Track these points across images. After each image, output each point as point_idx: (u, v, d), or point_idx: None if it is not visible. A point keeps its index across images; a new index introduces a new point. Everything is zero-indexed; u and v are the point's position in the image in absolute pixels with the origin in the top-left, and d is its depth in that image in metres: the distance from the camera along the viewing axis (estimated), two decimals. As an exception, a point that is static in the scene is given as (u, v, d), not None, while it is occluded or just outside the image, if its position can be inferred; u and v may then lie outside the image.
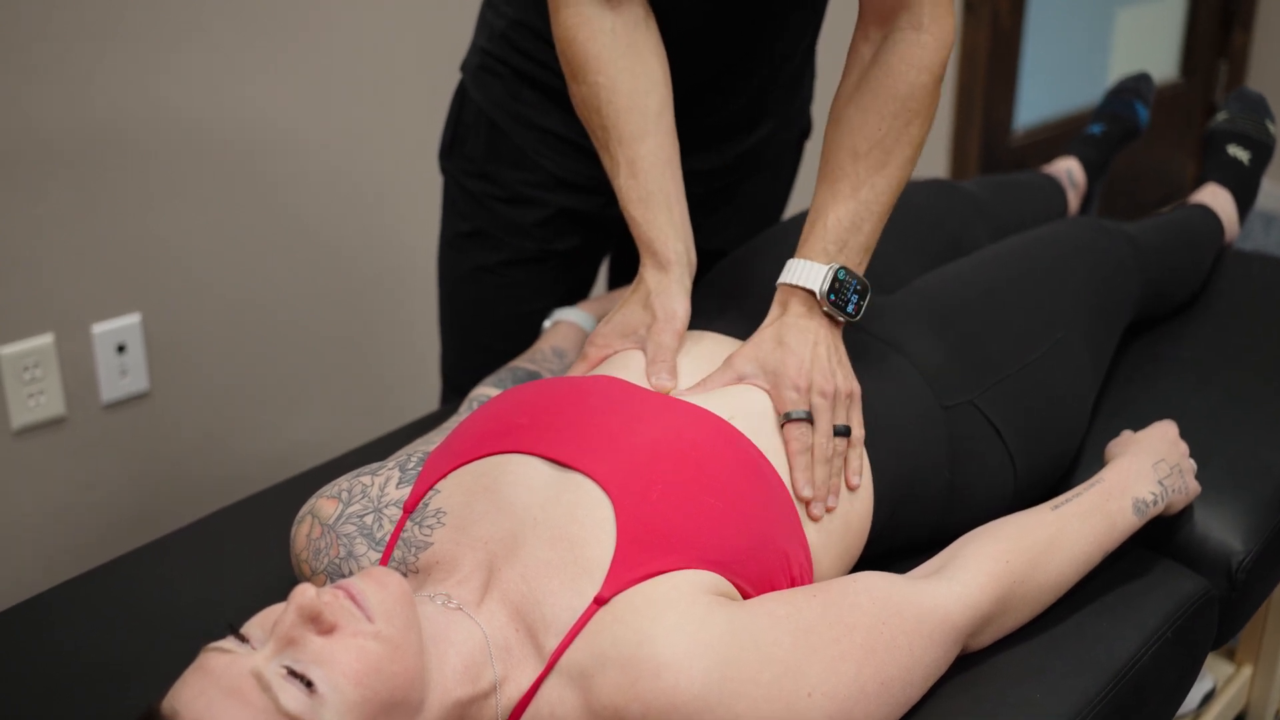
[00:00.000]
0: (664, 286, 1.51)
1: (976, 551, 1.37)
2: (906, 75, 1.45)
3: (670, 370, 1.44)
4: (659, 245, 1.52)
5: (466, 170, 1.85)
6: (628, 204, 1.54)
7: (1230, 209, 2.25)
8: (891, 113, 1.45)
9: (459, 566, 1.26)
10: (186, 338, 2.38)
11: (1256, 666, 2.24)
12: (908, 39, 1.45)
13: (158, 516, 2.42)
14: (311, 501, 1.37)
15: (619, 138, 1.53)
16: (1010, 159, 3.83)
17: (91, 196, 2.21)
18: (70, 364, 2.26)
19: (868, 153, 1.46)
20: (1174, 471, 1.53)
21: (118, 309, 2.29)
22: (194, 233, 2.33)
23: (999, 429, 1.55)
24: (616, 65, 1.53)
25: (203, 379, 2.42)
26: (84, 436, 2.31)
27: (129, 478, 2.38)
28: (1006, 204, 2.14)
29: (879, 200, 1.47)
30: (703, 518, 1.25)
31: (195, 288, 2.36)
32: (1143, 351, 1.94)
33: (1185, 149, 4.36)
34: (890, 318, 1.60)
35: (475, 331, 1.93)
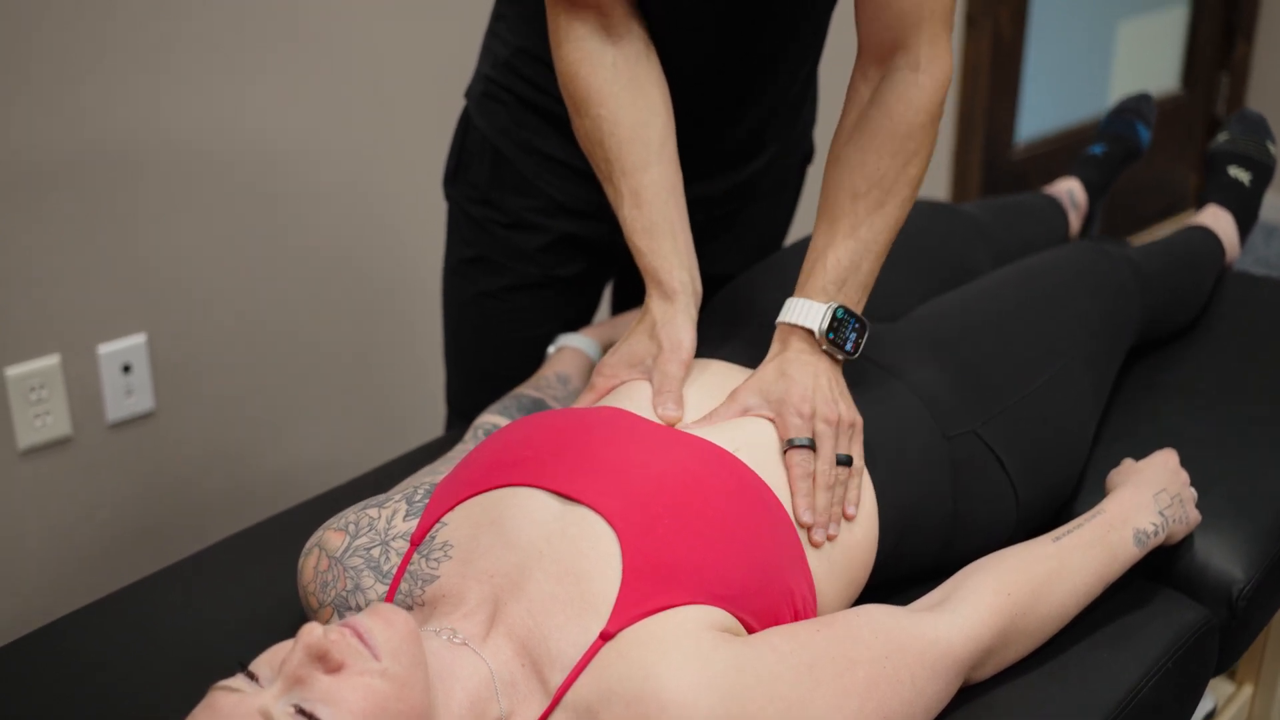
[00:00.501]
0: (670, 316, 1.52)
1: (978, 584, 1.38)
2: (904, 116, 1.47)
3: (676, 401, 1.46)
4: (664, 275, 1.54)
5: (470, 196, 1.86)
6: (632, 234, 1.55)
7: (1231, 231, 2.26)
8: (889, 152, 1.47)
9: (465, 600, 1.27)
10: (192, 357, 2.39)
11: (1257, 686, 2.24)
12: (905, 79, 1.47)
13: (164, 536, 2.43)
14: (319, 534, 1.38)
15: (622, 169, 1.55)
16: (1012, 171, 3.84)
17: (96, 217, 2.22)
18: (76, 384, 2.27)
19: (866, 192, 1.48)
20: (1175, 501, 1.54)
21: (123, 329, 2.30)
22: (199, 253, 2.34)
23: (1002, 458, 1.56)
24: (618, 99, 1.55)
25: (208, 398, 2.43)
26: (90, 456, 2.32)
27: (135, 497, 2.39)
28: (1008, 226, 2.15)
29: (877, 240, 1.49)
30: (708, 552, 1.26)
31: (200, 307, 2.37)
32: (1143, 376, 1.94)
33: (1186, 161, 4.37)
34: (892, 346, 1.61)
35: (479, 357, 1.94)
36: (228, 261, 2.38)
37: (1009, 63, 3.72)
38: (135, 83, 2.20)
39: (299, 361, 2.52)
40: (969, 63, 3.61)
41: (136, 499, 2.39)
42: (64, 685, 1.42)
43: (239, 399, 2.46)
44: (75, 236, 2.20)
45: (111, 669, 1.44)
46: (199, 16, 2.24)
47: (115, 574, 2.39)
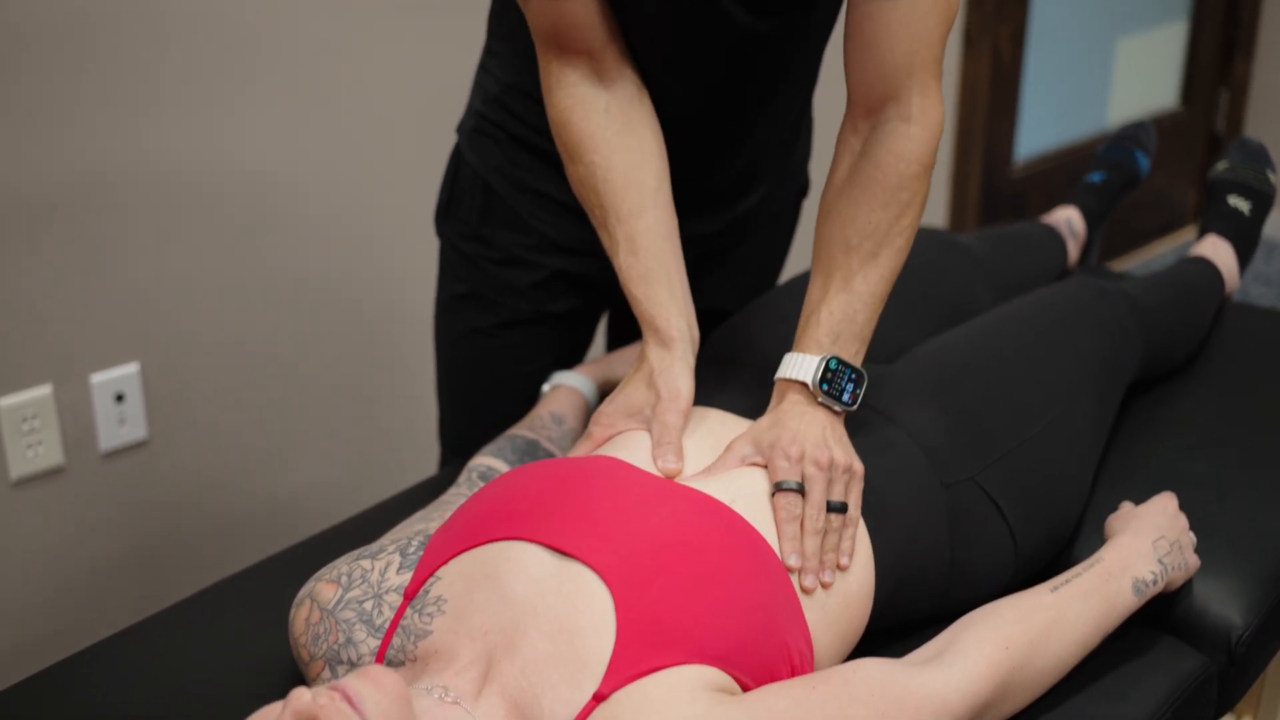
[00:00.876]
0: (667, 364, 1.51)
1: (976, 637, 1.37)
2: (895, 168, 1.46)
3: (676, 452, 1.44)
4: (661, 322, 1.52)
5: (461, 233, 1.85)
6: (628, 282, 1.54)
7: (1231, 261, 2.25)
8: (882, 204, 1.46)
9: (457, 657, 1.26)
10: (185, 386, 2.38)
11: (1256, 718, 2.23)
12: (896, 131, 1.46)
13: (157, 565, 2.42)
14: (310, 585, 1.37)
15: (617, 215, 1.53)
16: (1011, 190, 3.83)
17: (88, 246, 2.21)
18: (68, 414, 2.26)
19: (859, 245, 1.47)
20: (1174, 548, 1.53)
21: (116, 358, 2.29)
22: (192, 281, 2.33)
23: (1001, 506, 1.55)
24: (611, 144, 1.54)
25: (202, 427, 2.42)
26: (83, 486, 2.31)
27: (128, 527, 2.38)
28: (1006, 258, 2.14)
29: (872, 292, 1.48)
30: (703, 611, 1.25)
31: (193, 336, 2.36)
32: (1142, 413, 1.93)
33: (1186, 178, 4.35)
34: (890, 391, 1.60)
35: (472, 394, 1.93)
36: (220, 290, 2.37)
37: (1008, 81, 3.71)
38: (126, 113, 2.19)
39: (292, 390, 2.51)
40: (967, 81, 3.60)
41: (130, 528, 2.38)
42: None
43: (232, 427, 2.45)
44: (67, 266, 2.19)
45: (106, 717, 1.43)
46: (190, 47, 2.23)
47: (109, 604, 2.38)
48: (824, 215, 1.52)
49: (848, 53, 1.48)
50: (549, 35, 1.53)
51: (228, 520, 2.49)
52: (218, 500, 2.47)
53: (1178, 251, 4.31)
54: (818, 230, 1.52)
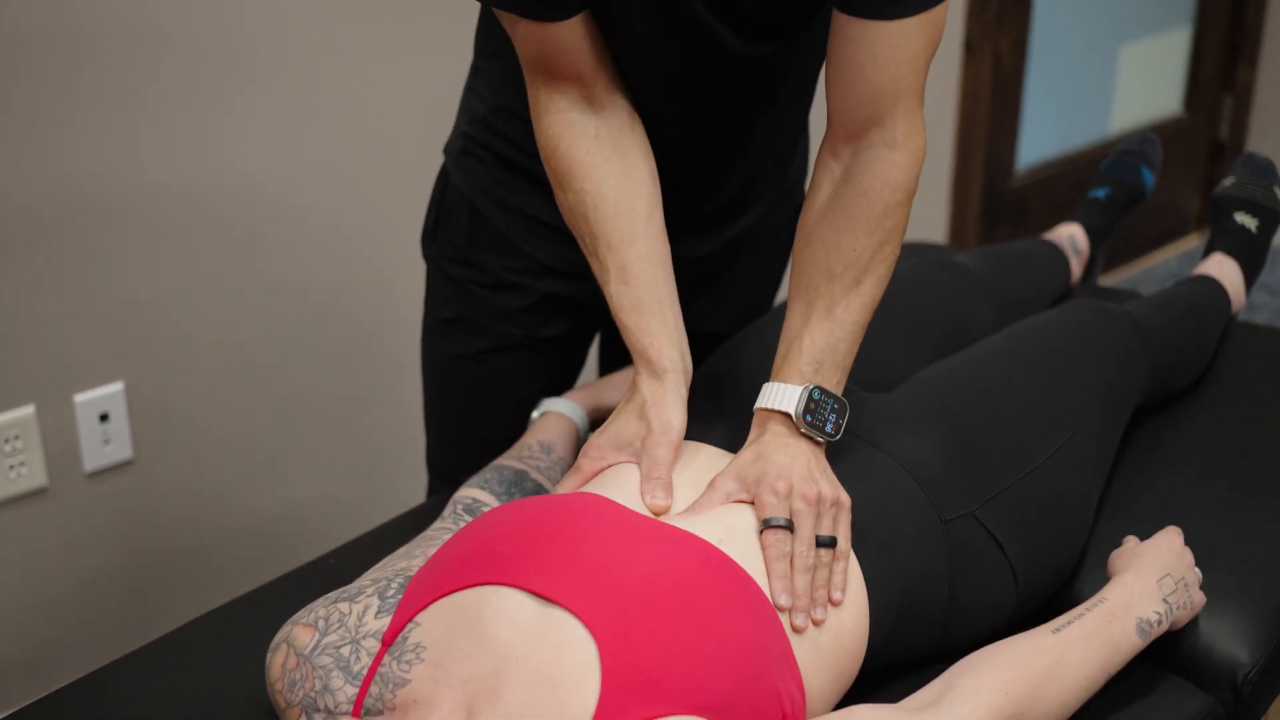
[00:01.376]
0: (659, 397, 1.47)
1: (974, 683, 1.32)
2: (880, 195, 1.42)
3: (665, 488, 1.40)
4: (653, 354, 1.48)
5: (449, 256, 1.81)
6: (619, 311, 1.50)
7: (1237, 279, 2.20)
8: (865, 233, 1.43)
9: (437, 707, 1.21)
10: (170, 404, 2.34)
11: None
12: (881, 157, 1.42)
13: (144, 586, 2.38)
14: (287, 628, 1.32)
15: (608, 244, 1.49)
16: (1013, 198, 3.79)
17: (70, 264, 2.17)
18: (52, 434, 2.22)
19: (843, 273, 1.44)
20: (1179, 586, 1.48)
21: (99, 377, 2.25)
22: (176, 299, 2.29)
23: (1001, 542, 1.51)
24: (602, 171, 1.50)
25: (188, 445, 2.38)
26: (67, 507, 2.27)
27: (114, 547, 2.34)
28: (1007, 277, 2.10)
29: (854, 320, 1.44)
30: (692, 660, 1.21)
31: (178, 354, 2.32)
32: (1147, 439, 1.89)
33: (1189, 184, 4.31)
34: (887, 423, 1.56)
35: (461, 419, 1.89)
36: (206, 307, 2.33)
37: (1009, 88, 3.67)
38: (110, 127, 2.15)
39: (280, 407, 2.47)
40: (968, 89, 3.55)
41: (116, 549, 2.34)
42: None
43: (219, 446, 2.41)
44: (49, 284, 2.15)
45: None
46: (176, 60, 2.19)
47: (94, 626, 2.34)
48: (804, 240, 1.48)
49: (830, 75, 1.44)
50: (537, 61, 1.48)
51: (215, 540, 2.45)
52: (204, 520, 2.44)
53: (1181, 259, 4.26)
54: (796, 255, 1.49)
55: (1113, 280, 4.09)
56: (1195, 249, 4.31)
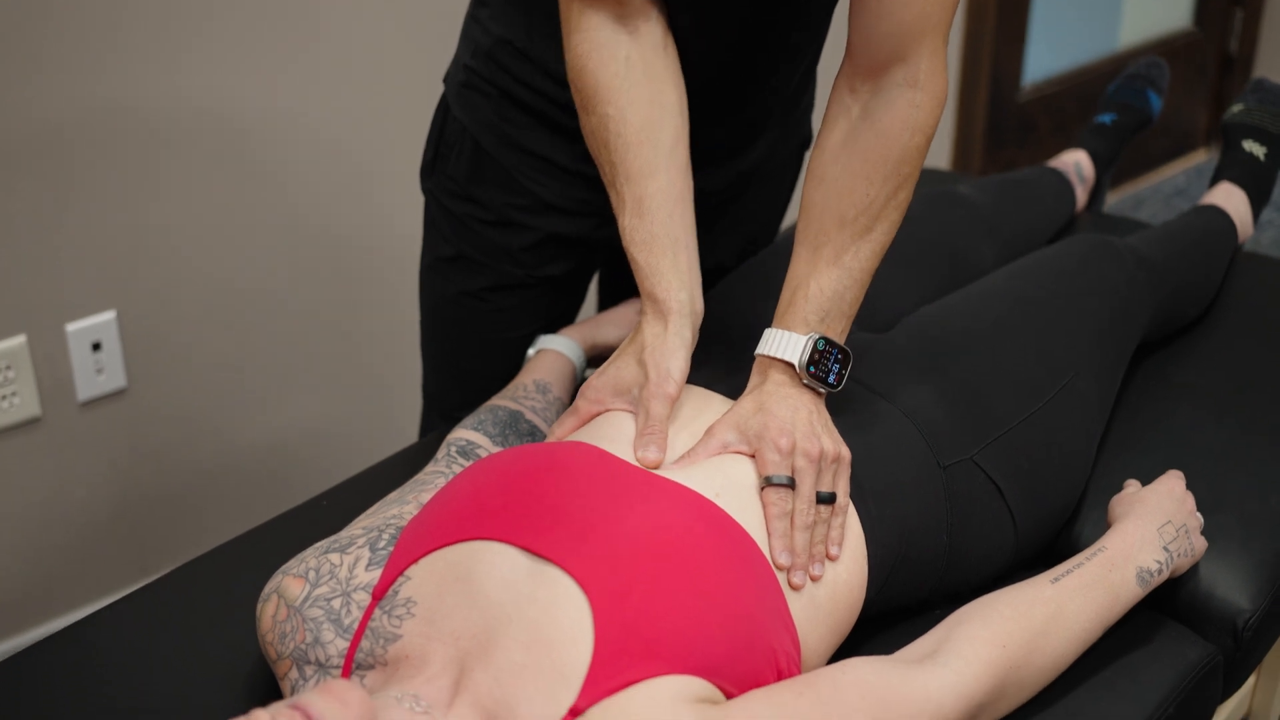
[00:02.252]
0: (661, 341, 1.42)
1: (971, 634, 1.31)
2: (899, 137, 1.37)
3: (660, 444, 1.37)
4: (661, 293, 1.43)
5: (449, 190, 1.77)
6: (631, 245, 1.45)
7: (1244, 209, 2.17)
8: (881, 177, 1.38)
9: (429, 663, 1.20)
10: (163, 333, 2.31)
11: (1259, 674, 2.19)
12: (903, 98, 1.37)
13: (138, 515, 2.37)
14: (277, 579, 1.31)
15: (626, 174, 1.44)
16: (1018, 115, 3.74)
17: (61, 193, 2.14)
18: (44, 364, 2.20)
19: (854, 219, 1.39)
20: (1180, 533, 1.46)
21: (92, 307, 2.22)
22: (168, 227, 2.26)
23: (1001, 487, 1.49)
24: (628, 95, 1.43)
25: (181, 374, 2.36)
26: (61, 436, 2.26)
27: (109, 476, 2.33)
28: (1011, 207, 2.06)
29: (863, 267, 1.40)
30: (685, 619, 1.19)
31: (171, 282, 2.29)
32: (1150, 376, 1.86)
33: (1199, 99, 4.25)
34: (885, 366, 1.53)
35: (459, 357, 1.86)
36: (197, 235, 2.30)
37: (1015, 2, 3.60)
38: (101, 55, 2.11)
39: (275, 333, 2.45)
40: (974, 3, 3.49)
41: (109, 478, 2.33)
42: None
43: (213, 374, 2.39)
44: (39, 213, 2.12)
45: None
46: (166, -16, 2.14)
47: (88, 555, 2.34)
48: (815, 181, 1.43)
49: (855, 6, 1.38)
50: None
51: (210, 468, 2.44)
52: (199, 448, 2.42)
53: (1189, 175, 4.22)
54: (806, 196, 1.44)
55: (1120, 197, 4.05)
56: (1204, 165, 4.27)
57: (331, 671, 1.25)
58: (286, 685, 1.27)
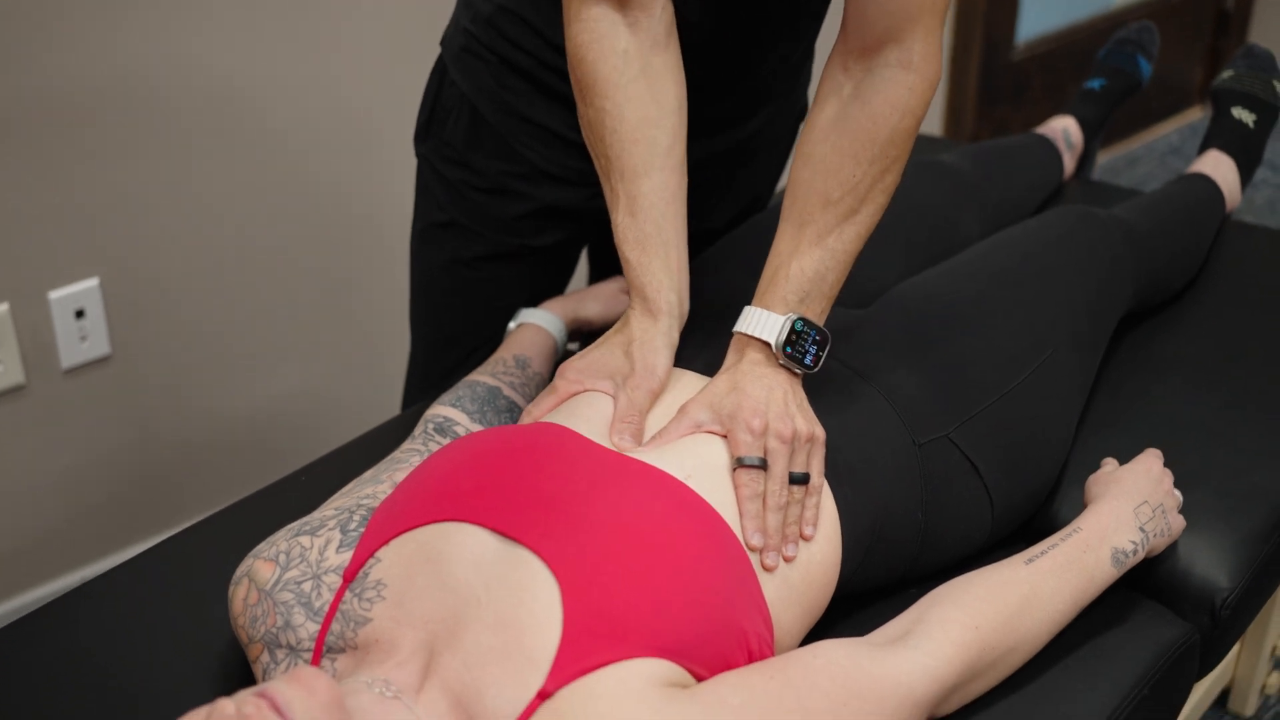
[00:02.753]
0: (649, 337, 1.43)
1: (944, 616, 1.30)
2: (889, 120, 1.36)
3: (635, 433, 1.36)
4: (651, 292, 1.43)
5: (444, 156, 1.76)
6: (623, 243, 1.45)
7: (1233, 178, 2.16)
8: (869, 158, 1.36)
9: (398, 647, 1.20)
10: (147, 300, 2.30)
11: (1242, 645, 2.19)
12: (896, 79, 1.35)
13: (124, 482, 2.37)
14: (248, 562, 1.31)
15: (620, 171, 1.44)
16: (1012, 74, 3.72)
17: (42, 160, 2.12)
18: (27, 332, 2.19)
19: (840, 200, 1.37)
20: (1157, 514, 1.46)
21: (74, 274, 2.21)
22: (152, 192, 2.25)
23: (977, 465, 1.48)
24: (625, 91, 1.42)
25: (165, 340, 2.35)
26: (45, 404, 2.25)
27: (94, 443, 2.33)
28: (996, 177, 2.05)
29: (846, 249, 1.39)
30: (655, 602, 1.19)
31: (154, 249, 2.28)
32: (1134, 349, 1.85)
33: (1193, 56, 4.23)
34: (863, 343, 1.52)
35: (448, 325, 1.85)
36: (181, 201, 2.28)
37: (1011, -40, 3.58)
38: (83, 21, 2.09)
39: (258, 300, 2.44)
40: (969, -38, 3.47)
41: (95, 445, 2.33)
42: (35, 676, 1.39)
43: (198, 341, 2.39)
44: (19, 181, 2.11)
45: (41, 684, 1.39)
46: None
47: (74, 523, 2.34)
48: (803, 160, 1.42)
49: None
50: None
51: (195, 435, 2.44)
52: (184, 415, 2.42)
53: (1182, 133, 4.20)
54: (794, 175, 1.42)
55: (1113, 155, 4.03)
56: (1198, 123, 4.25)
57: (303, 655, 1.25)
58: (258, 668, 1.27)
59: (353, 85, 2.41)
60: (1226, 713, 2.26)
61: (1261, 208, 3.76)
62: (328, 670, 1.23)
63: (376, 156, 2.46)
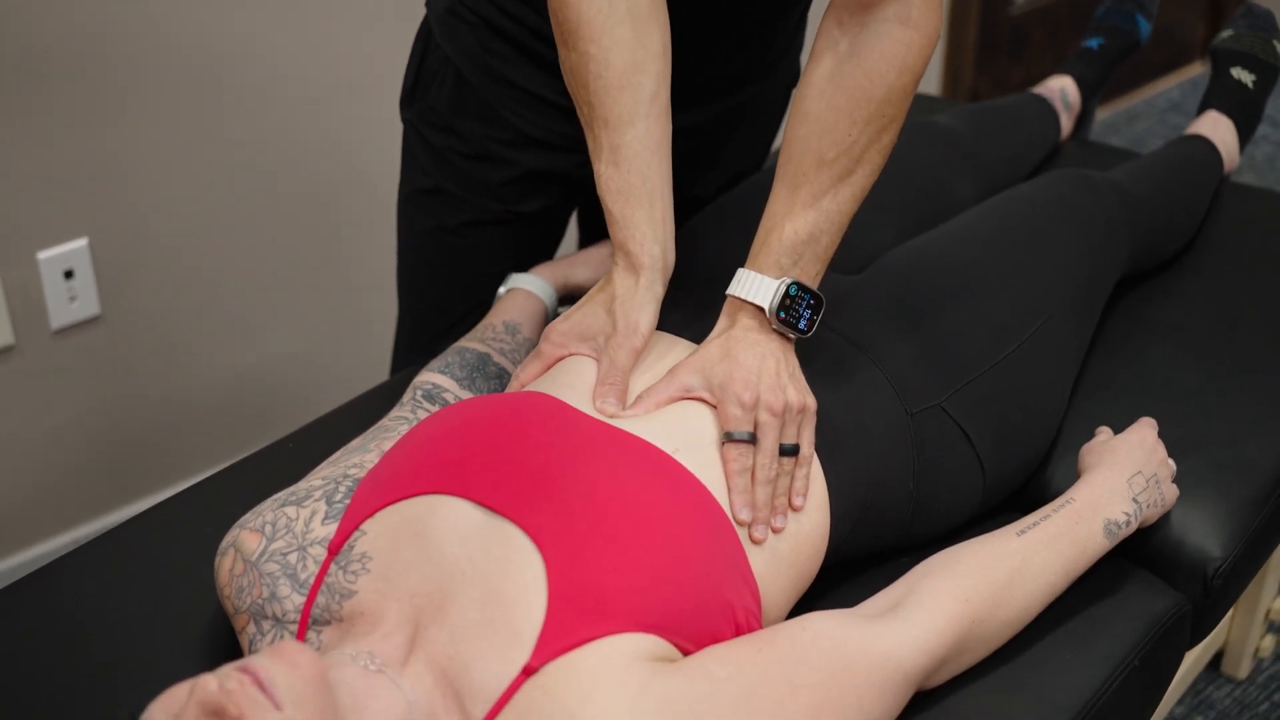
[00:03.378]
0: (632, 294, 1.40)
1: (934, 588, 1.30)
2: (885, 77, 1.33)
3: (619, 395, 1.35)
4: (633, 246, 1.40)
5: (429, 121, 1.74)
6: (606, 194, 1.41)
7: (1231, 139, 2.14)
8: (865, 118, 1.33)
9: (383, 620, 1.19)
10: (136, 260, 2.29)
11: (1237, 608, 2.19)
12: (893, 35, 1.32)
13: (114, 441, 2.37)
14: (234, 533, 1.30)
15: (604, 119, 1.40)
16: (1011, 28, 3.69)
17: (31, 119, 2.10)
18: (16, 292, 2.18)
19: (835, 160, 1.34)
20: (1150, 484, 1.45)
21: (63, 234, 2.20)
22: (141, 152, 2.23)
23: (969, 434, 1.47)
24: (612, 35, 1.38)
25: (155, 300, 2.34)
26: (35, 364, 2.24)
27: (84, 403, 2.32)
28: (992, 139, 2.03)
29: (841, 210, 1.36)
30: (640, 575, 1.18)
31: (143, 209, 2.27)
32: (1128, 315, 1.84)
33: (1194, 12, 4.20)
34: (855, 311, 1.51)
35: (434, 292, 1.84)
36: (170, 161, 2.27)
37: (1011, -87, 3.55)
38: (65, -23, 2.07)
39: (248, 261, 2.42)
40: (968, -85, 3.44)
41: (85, 405, 2.32)
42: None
43: (187, 298, 2.37)
44: (7, 140, 2.09)
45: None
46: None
47: (64, 483, 2.33)
48: (798, 119, 1.38)
49: None
50: None
51: (186, 395, 2.43)
52: (174, 375, 2.41)
53: (1183, 88, 4.17)
54: (788, 134, 1.39)
55: (1113, 111, 4.01)
56: (1198, 78, 4.22)
57: (289, 627, 1.24)
58: (244, 639, 1.27)
59: (341, 45, 2.39)
60: (1220, 675, 2.26)
61: (1261, 164, 3.74)
62: (313, 642, 1.23)
63: (367, 116, 2.44)
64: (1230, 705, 2.21)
